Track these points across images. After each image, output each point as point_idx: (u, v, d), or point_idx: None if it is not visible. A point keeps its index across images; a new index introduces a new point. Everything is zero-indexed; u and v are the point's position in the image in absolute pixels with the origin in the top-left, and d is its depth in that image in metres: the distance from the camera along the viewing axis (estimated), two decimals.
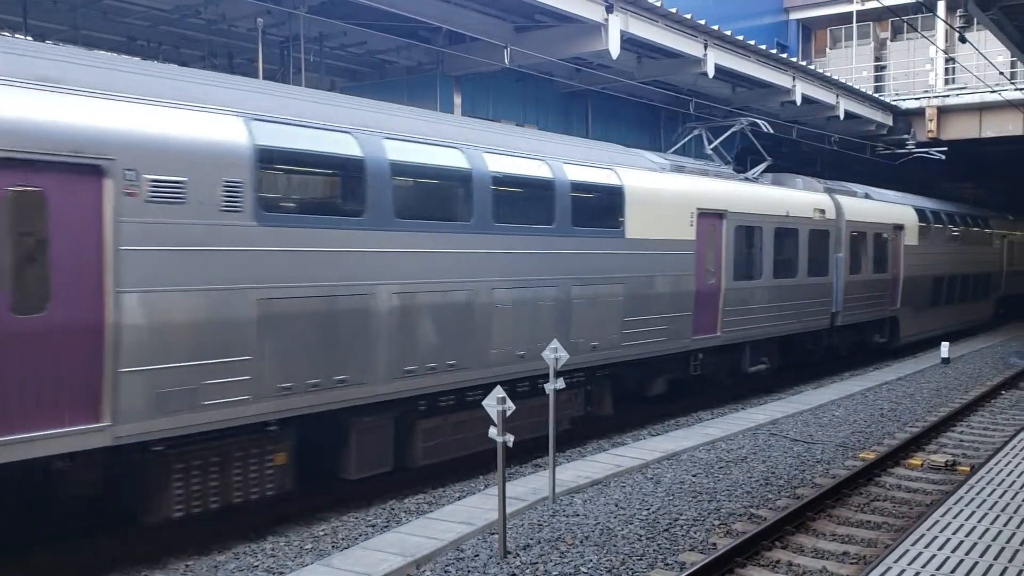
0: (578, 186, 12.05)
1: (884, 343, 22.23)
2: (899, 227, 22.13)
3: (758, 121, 18.07)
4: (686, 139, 18.68)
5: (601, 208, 12.59)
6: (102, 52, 13.06)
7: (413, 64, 16.88)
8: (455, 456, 10.65)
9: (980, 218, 30.21)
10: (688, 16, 16.48)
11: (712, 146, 18.02)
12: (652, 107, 21.08)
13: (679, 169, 14.78)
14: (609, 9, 14.69)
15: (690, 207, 14.28)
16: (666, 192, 13.87)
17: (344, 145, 9.08)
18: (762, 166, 18.25)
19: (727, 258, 15.22)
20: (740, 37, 18.42)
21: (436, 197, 10.47)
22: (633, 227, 12.99)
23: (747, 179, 17.06)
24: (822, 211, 18.48)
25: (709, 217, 14.80)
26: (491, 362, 10.69)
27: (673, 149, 18.06)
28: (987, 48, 21.69)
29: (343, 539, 8.67)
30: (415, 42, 15.28)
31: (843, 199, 19.78)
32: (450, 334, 10.11)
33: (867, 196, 21.38)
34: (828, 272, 18.74)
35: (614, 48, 14.90)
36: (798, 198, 17.95)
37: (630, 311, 12.90)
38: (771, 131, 18.61)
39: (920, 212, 23.89)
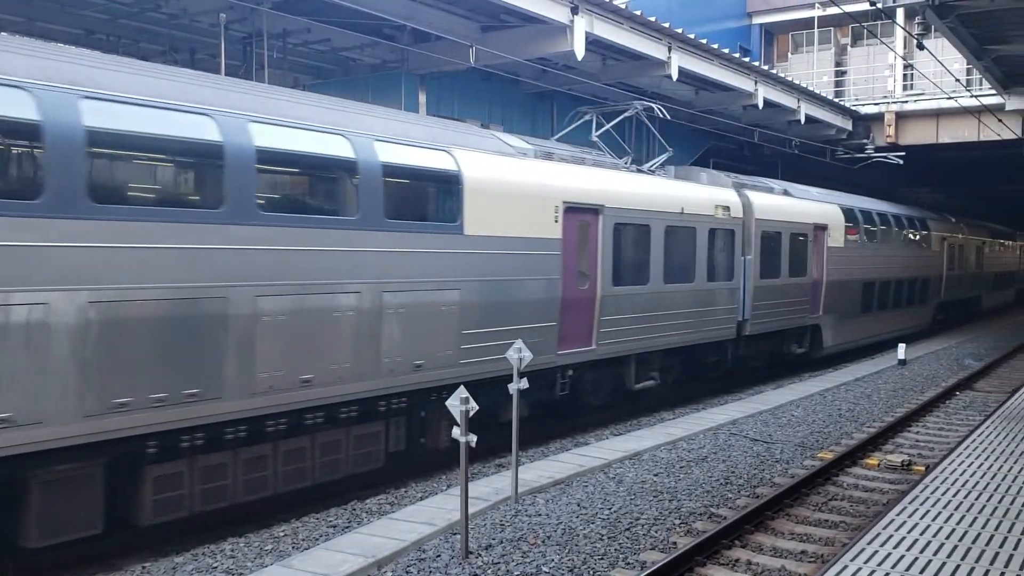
0: (395, 169, 9.95)
1: (804, 354, 20.47)
2: (822, 227, 20.38)
3: (653, 105, 16.06)
4: (576, 124, 16.49)
5: (429, 198, 10.49)
6: None
7: (378, 62, 16.82)
8: (206, 510, 8.52)
9: (917, 219, 28.45)
10: (653, 19, 16.61)
11: (599, 132, 15.90)
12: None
13: (546, 155, 12.76)
14: (574, 10, 14.76)
15: (554, 200, 12.23)
16: (522, 182, 11.74)
17: (8, 103, 6.87)
18: (662, 157, 16.47)
19: (604, 260, 13.22)
20: (704, 41, 18.60)
21: (166, 178, 8.39)
22: (475, 222, 10.82)
23: (640, 171, 15.21)
24: (726, 208, 16.56)
25: (580, 212, 12.82)
26: (259, 389, 8.53)
27: (559, 135, 16.17)
28: (944, 55, 22.09)
29: (303, 540, 8.60)
30: (380, 40, 15.23)
31: (754, 195, 17.95)
32: (190, 354, 7.91)
33: (786, 193, 19.79)
34: (733, 276, 16.91)
35: (579, 49, 14.97)
36: (696, 193, 15.92)
37: (470, 322, 10.81)
38: (667, 117, 16.95)
39: (847, 211, 22.23)
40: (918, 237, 27.98)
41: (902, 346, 22.03)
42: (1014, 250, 46.53)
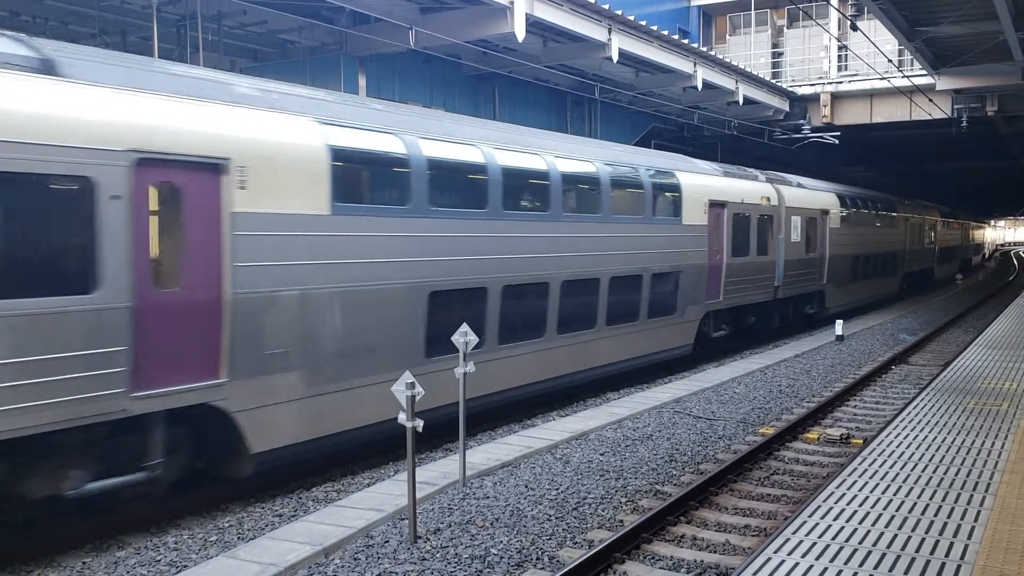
0: None
1: (199, 468, 9.09)
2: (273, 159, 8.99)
3: None
4: None
5: None
6: None
7: (316, 44, 16.57)
8: None
9: (626, 169, 15.58)
10: (592, 0, 16.62)
11: None
12: (559, 91, 21.24)
13: None
14: None
15: None
16: None
17: None
18: None
19: None
20: (643, 22, 18.69)
21: None
22: None
23: None
24: None
25: None
26: None
27: None
28: (877, 37, 22.55)
29: (249, 530, 8.50)
30: (317, 22, 14.99)
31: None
32: None
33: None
34: None
35: (519, 31, 14.92)
36: None
37: None
38: None
39: (338, 140, 9.89)
40: (646, 201, 15.96)
41: (839, 322, 22.51)
42: (896, 224, 33.43)
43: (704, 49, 22.61)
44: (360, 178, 10.57)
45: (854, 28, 16.36)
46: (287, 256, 9.17)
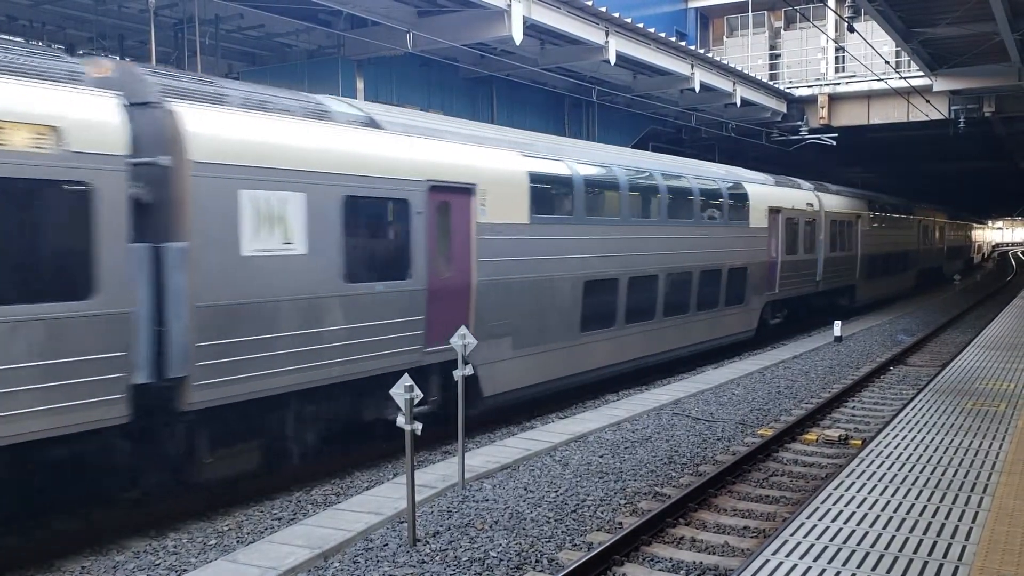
0: None
1: None
2: None
3: None
4: None
5: None
6: None
7: (314, 48, 16.59)
8: None
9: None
10: (589, 3, 16.65)
11: None
12: (556, 94, 21.26)
13: None
14: None
15: None
16: None
17: None
18: None
19: None
20: (640, 25, 18.72)
21: None
22: None
23: None
24: None
25: None
26: None
27: None
28: (874, 38, 22.57)
29: (248, 533, 8.50)
30: (315, 25, 15.02)
31: None
32: None
33: None
34: None
35: (517, 34, 14.95)
36: None
37: None
38: None
39: None
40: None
41: (838, 323, 22.53)
42: (739, 216, 19.16)
43: (701, 51, 22.65)
44: None
45: (851, 30, 16.39)
46: None
